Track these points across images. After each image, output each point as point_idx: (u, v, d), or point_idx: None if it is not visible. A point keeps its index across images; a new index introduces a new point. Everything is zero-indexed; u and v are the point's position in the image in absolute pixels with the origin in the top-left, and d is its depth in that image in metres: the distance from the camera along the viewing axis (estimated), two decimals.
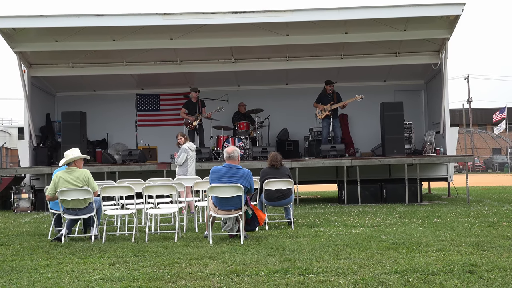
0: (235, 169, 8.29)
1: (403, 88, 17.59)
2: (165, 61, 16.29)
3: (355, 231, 8.73)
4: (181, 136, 12.38)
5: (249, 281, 5.50)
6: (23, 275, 6.03)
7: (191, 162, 12.18)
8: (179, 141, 12.29)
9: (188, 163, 12.11)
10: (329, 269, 5.94)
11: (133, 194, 8.69)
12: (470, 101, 50.32)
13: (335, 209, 12.50)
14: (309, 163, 14.08)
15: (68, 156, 8.61)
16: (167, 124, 17.72)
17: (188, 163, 12.11)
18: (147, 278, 5.72)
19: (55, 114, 17.61)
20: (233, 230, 8.29)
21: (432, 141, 15.64)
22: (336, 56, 15.87)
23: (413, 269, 5.82)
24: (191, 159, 12.18)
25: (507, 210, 11.53)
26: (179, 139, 12.31)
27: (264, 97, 17.32)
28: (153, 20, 13.97)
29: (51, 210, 9.05)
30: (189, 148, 12.18)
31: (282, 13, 13.80)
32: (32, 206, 14.10)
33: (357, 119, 17.49)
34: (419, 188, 13.75)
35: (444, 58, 15.03)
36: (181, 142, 12.25)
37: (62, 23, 14.01)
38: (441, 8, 13.77)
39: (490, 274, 5.55)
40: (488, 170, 48.04)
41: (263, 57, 16.02)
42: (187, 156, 12.06)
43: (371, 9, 14.00)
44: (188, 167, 12.10)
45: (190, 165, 12.16)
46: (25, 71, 15.47)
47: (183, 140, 12.30)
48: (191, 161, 12.18)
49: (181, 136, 12.36)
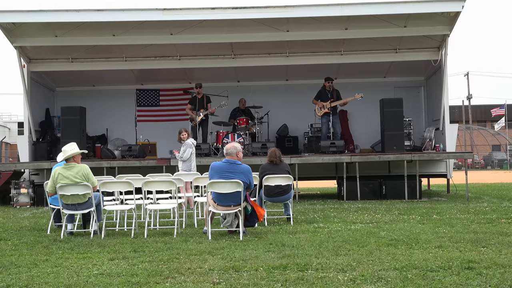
0: (234, 165, 8.29)
1: (403, 85, 17.58)
2: (165, 56, 16.27)
3: (354, 227, 8.74)
4: (185, 131, 12.40)
5: (248, 277, 5.50)
6: (22, 270, 6.04)
7: (194, 158, 12.23)
8: (182, 137, 12.28)
9: (192, 158, 12.14)
10: (328, 265, 5.95)
11: (133, 190, 8.70)
12: (470, 98, 50.33)
13: (334, 205, 12.51)
14: (308, 159, 14.08)
15: (67, 151, 8.59)
16: (167, 120, 17.72)
17: (192, 158, 12.14)
18: (146, 274, 5.72)
19: (54, 109, 17.59)
20: (232, 226, 8.29)
21: (432, 138, 15.65)
22: (336, 52, 15.84)
23: (412, 266, 5.82)
24: (193, 155, 12.23)
25: (506, 207, 11.55)
26: (183, 135, 12.32)
27: (264, 93, 17.31)
28: (153, 15, 13.94)
29: (50, 205, 9.05)
30: (192, 143, 12.24)
31: (282, 9, 13.78)
32: (32, 201, 14.11)
33: (357, 115, 17.47)
34: (419, 184, 13.76)
35: (444, 55, 15.01)
36: (184, 137, 12.26)
37: (62, 17, 14.00)
38: (442, 4, 13.75)
39: (489, 271, 5.55)
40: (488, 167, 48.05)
41: (263, 53, 16.00)
42: (192, 151, 12.09)
43: (372, 5, 13.99)
44: (192, 162, 12.14)
45: (193, 160, 12.20)
46: (24, 66, 15.45)
47: (186, 135, 12.31)
48: (194, 156, 12.23)
49: (185, 132, 12.38)
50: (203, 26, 14.51)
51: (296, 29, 14.72)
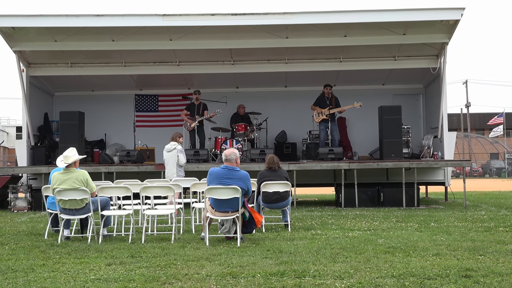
0: (233, 171, 8.28)
1: (402, 92, 17.61)
2: (164, 62, 16.29)
3: (352, 235, 8.73)
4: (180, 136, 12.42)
5: (245, 283, 5.49)
6: (19, 274, 6.02)
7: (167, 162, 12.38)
8: (181, 142, 12.32)
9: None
10: (325, 272, 5.94)
11: (131, 195, 8.69)
12: (468, 106, 50.40)
13: (332, 212, 12.50)
14: (306, 166, 14.07)
15: (69, 157, 8.57)
16: (165, 125, 17.71)
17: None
18: (143, 279, 5.71)
19: (53, 114, 17.61)
20: (230, 232, 8.28)
21: (430, 146, 15.66)
22: (335, 59, 15.87)
23: (409, 273, 5.82)
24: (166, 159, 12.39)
25: (504, 215, 11.54)
26: (181, 140, 12.35)
27: (263, 100, 17.32)
28: (153, 21, 13.96)
29: (48, 210, 9.04)
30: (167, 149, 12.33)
31: (282, 16, 13.81)
32: (29, 206, 14.08)
33: (355, 122, 17.50)
34: (417, 192, 13.76)
35: (443, 63, 15.04)
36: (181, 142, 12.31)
37: (62, 22, 14.01)
38: (441, 12, 13.79)
39: (486, 279, 5.55)
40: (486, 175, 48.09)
41: (262, 59, 16.03)
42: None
43: (371, 13, 14.03)
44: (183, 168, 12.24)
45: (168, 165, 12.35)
46: (23, 70, 15.46)
47: (181, 140, 12.34)
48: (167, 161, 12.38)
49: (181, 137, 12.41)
50: (202, 32, 14.54)
51: (295, 36, 14.75)
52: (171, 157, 12.16)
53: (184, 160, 12.24)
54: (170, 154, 12.16)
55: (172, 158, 12.13)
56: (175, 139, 12.28)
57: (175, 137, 12.32)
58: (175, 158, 12.11)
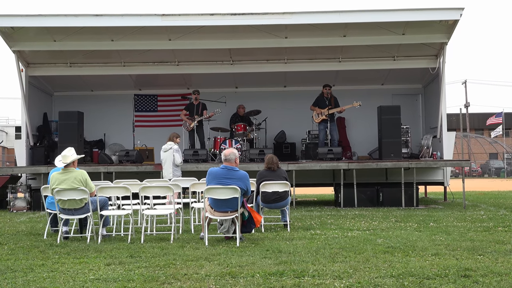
0: (232, 171, 8.29)
1: (401, 92, 17.62)
2: (163, 62, 16.28)
3: (351, 234, 8.73)
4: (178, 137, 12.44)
5: (244, 283, 5.49)
6: (18, 274, 6.02)
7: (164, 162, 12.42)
8: (178, 142, 12.33)
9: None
10: (324, 272, 5.94)
11: (130, 195, 8.69)
12: (467, 106, 50.42)
13: (331, 212, 12.50)
14: (306, 165, 14.08)
15: (68, 157, 8.57)
16: (165, 125, 17.69)
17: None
18: (143, 279, 5.71)
19: (52, 114, 17.60)
20: (229, 232, 8.28)
21: (429, 145, 15.66)
22: (334, 59, 15.86)
23: (408, 273, 5.82)
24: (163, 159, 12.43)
25: (503, 215, 11.55)
26: (178, 140, 12.36)
27: (262, 99, 17.32)
28: (152, 21, 13.96)
29: (47, 209, 9.04)
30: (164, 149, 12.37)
31: (281, 16, 13.80)
32: (28, 206, 14.09)
33: (355, 122, 17.51)
34: (416, 192, 13.78)
35: (442, 63, 15.05)
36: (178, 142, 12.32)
37: (61, 22, 14.01)
38: (440, 12, 13.79)
39: (485, 279, 5.55)
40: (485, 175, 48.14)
41: (262, 59, 16.02)
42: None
43: (370, 13, 14.02)
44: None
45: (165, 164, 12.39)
46: (23, 70, 15.45)
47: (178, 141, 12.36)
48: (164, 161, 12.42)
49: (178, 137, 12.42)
50: (201, 32, 14.54)
51: (294, 35, 14.75)
52: (167, 156, 12.19)
53: (180, 159, 12.24)
54: (166, 154, 12.20)
55: (169, 158, 12.16)
56: (172, 139, 12.32)
57: (172, 137, 12.37)
58: (171, 158, 12.14)
